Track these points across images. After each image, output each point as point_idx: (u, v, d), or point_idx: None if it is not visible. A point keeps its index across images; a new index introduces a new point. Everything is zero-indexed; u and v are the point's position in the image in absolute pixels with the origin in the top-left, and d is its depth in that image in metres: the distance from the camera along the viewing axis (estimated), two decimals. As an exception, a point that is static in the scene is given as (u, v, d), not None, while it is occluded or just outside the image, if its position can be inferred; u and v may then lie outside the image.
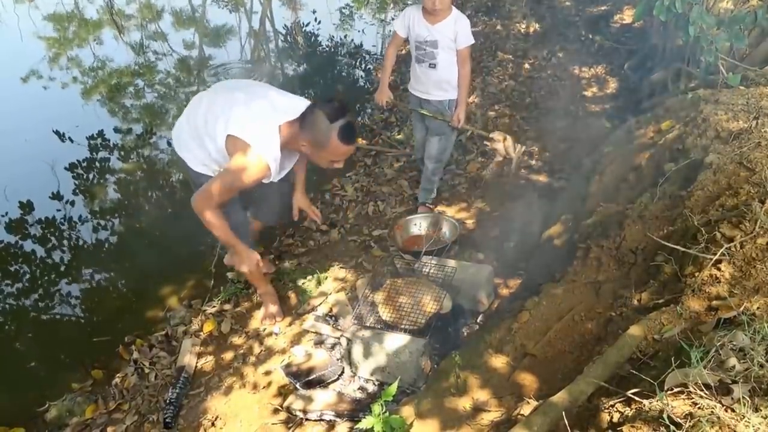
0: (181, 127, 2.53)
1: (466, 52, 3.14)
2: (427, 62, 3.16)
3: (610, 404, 1.45)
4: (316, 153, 2.35)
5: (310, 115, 2.28)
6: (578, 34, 6.01)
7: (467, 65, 3.18)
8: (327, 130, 2.24)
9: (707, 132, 2.44)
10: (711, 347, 1.39)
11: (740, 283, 1.66)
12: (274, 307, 2.98)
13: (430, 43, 3.10)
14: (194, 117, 2.44)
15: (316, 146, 2.31)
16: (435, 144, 3.42)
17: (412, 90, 3.34)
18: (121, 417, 2.64)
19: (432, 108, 3.30)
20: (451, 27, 3.06)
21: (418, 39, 3.12)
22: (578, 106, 4.77)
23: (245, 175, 2.25)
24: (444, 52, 3.12)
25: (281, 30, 8.32)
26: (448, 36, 3.07)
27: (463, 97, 3.25)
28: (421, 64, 3.19)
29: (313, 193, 4.21)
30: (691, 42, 3.47)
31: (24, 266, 3.88)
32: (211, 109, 2.37)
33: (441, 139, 3.40)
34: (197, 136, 2.43)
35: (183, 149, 2.53)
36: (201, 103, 2.44)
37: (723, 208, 1.95)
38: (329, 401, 2.40)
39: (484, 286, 2.76)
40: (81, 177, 4.81)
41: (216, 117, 2.32)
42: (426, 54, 3.14)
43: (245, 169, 2.24)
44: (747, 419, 1.19)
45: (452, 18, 3.07)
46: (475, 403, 1.91)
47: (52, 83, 6.90)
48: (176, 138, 2.56)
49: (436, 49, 3.11)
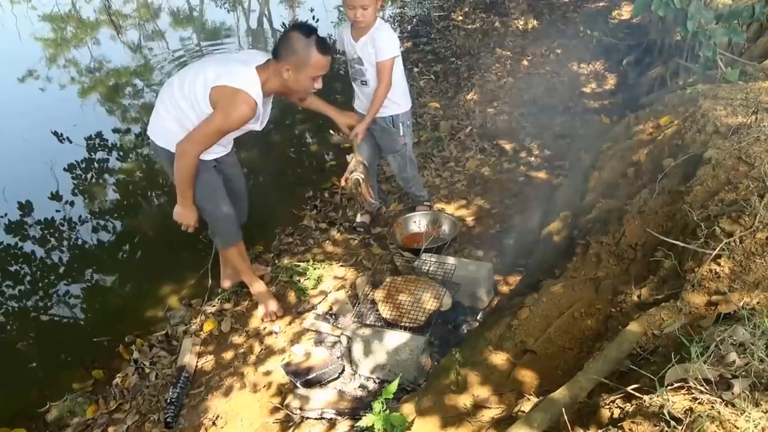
0: (156, 117, 2.58)
1: (381, 65, 2.90)
2: (359, 80, 3.05)
3: (610, 400, 1.45)
4: (299, 75, 2.40)
5: (284, 41, 2.38)
6: (576, 30, 6.01)
7: (384, 79, 2.91)
8: (306, 45, 2.35)
9: (706, 127, 2.43)
10: (711, 342, 1.39)
11: (740, 278, 1.66)
12: (273, 304, 2.99)
13: (356, 60, 2.98)
14: (168, 100, 2.49)
15: (299, 66, 2.38)
16: (393, 163, 3.33)
17: (357, 108, 3.18)
18: (122, 417, 2.64)
19: (377, 126, 3.14)
20: (370, 42, 2.89)
21: (348, 57, 3.02)
22: (577, 103, 4.77)
23: (234, 115, 2.33)
24: (372, 67, 2.94)
25: (279, 28, 8.31)
26: (369, 52, 2.90)
27: (371, 112, 2.97)
28: (355, 81, 3.09)
29: (312, 191, 4.22)
30: (690, 37, 3.47)
31: (24, 267, 3.88)
32: (183, 84, 2.44)
33: (396, 157, 3.27)
34: (175, 114, 2.47)
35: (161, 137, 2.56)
36: (172, 86, 2.50)
37: (722, 203, 1.95)
38: (330, 399, 2.40)
39: (483, 283, 2.76)
40: (80, 177, 4.81)
41: (192, 83, 2.40)
42: (356, 72, 3.03)
43: (234, 109, 2.31)
44: (747, 414, 1.19)
45: (371, 34, 2.88)
46: (475, 400, 1.91)
47: (50, 84, 6.90)
48: (154, 131, 2.59)
49: (362, 66, 2.97)
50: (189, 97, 2.41)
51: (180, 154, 2.41)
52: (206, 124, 2.37)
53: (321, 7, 8.49)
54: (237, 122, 2.37)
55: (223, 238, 2.86)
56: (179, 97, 2.44)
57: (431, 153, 4.33)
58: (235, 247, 2.87)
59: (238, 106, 2.31)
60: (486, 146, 4.34)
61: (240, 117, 2.34)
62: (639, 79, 4.61)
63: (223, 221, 2.76)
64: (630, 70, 4.96)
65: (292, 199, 4.17)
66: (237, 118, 2.34)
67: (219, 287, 3.23)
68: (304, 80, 2.43)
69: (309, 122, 5.53)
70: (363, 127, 2.99)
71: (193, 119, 2.44)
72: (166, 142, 2.53)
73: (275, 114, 5.91)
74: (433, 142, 4.44)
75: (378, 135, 3.20)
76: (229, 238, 2.84)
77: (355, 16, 2.81)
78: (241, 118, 2.35)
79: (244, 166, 3.22)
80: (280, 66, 2.39)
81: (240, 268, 2.96)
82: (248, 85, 2.33)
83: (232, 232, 2.82)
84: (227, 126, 2.38)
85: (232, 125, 2.38)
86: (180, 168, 2.44)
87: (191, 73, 2.46)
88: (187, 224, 2.65)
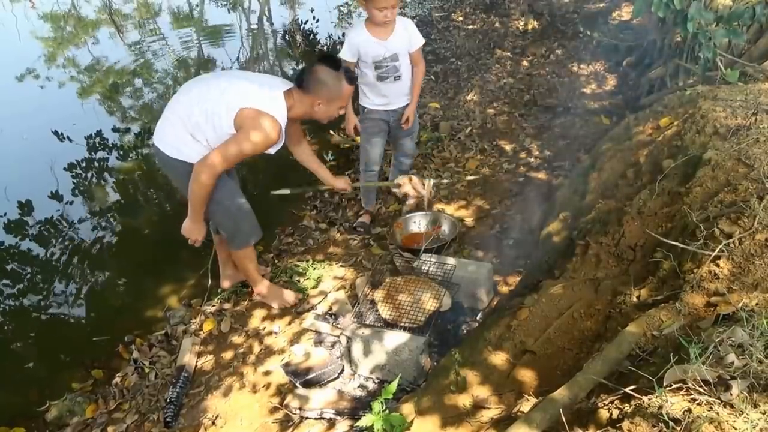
0: (167, 126, 2.51)
1: (419, 52, 3.11)
2: (392, 76, 3.07)
3: (609, 400, 1.45)
4: (330, 107, 2.49)
5: (312, 75, 2.41)
6: (577, 31, 6.01)
7: (422, 63, 3.16)
8: (337, 79, 2.43)
9: (706, 128, 2.44)
10: (710, 343, 1.39)
11: (739, 279, 1.66)
12: (289, 293, 3.01)
13: (390, 58, 3.01)
14: (183, 112, 2.44)
15: (331, 99, 2.47)
16: (410, 143, 3.45)
17: (371, 106, 3.21)
18: (122, 416, 2.64)
19: (399, 116, 3.23)
20: (404, 35, 3.00)
21: (377, 59, 3.00)
22: (577, 103, 4.77)
23: (261, 139, 2.33)
24: (405, 60, 3.07)
25: (279, 29, 8.31)
26: (404, 45, 3.02)
27: (416, 96, 3.23)
28: (385, 81, 3.09)
29: (312, 191, 4.21)
30: (690, 38, 3.47)
31: (24, 266, 3.88)
32: (203, 100, 2.40)
33: (413, 136, 3.46)
34: (190, 128, 2.43)
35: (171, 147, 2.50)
36: (190, 99, 2.45)
37: (722, 205, 1.95)
38: (329, 399, 2.41)
39: (483, 283, 2.77)
40: (80, 177, 4.81)
41: (216, 102, 2.37)
42: (389, 69, 3.05)
43: (261, 133, 2.32)
44: (746, 415, 1.19)
45: (401, 25, 3.00)
46: (474, 400, 1.91)
47: (49, 83, 6.90)
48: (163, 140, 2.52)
49: (397, 62, 3.03)
50: (209, 114, 2.37)
51: (198, 173, 2.38)
52: (230, 145, 2.35)
53: (321, 7, 8.49)
54: (262, 146, 2.36)
55: (247, 235, 2.77)
56: (197, 113, 2.40)
57: (431, 153, 4.33)
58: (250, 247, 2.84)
59: (265, 130, 2.31)
60: (486, 147, 4.34)
61: (265, 141, 2.34)
62: (639, 80, 4.62)
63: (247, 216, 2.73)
64: (630, 71, 4.96)
65: (292, 199, 4.17)
66: (262, 141, 2.34)
67: (219, 287, 3.23)
68: (333, 111, 2.53)
69: (309, 122, 5.52)
70: (413, 108, 3.23)
71: (210, 136, 2.41)
72: (178, 152, 2.48)
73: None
74: (433, 143, 4.44)
75: (396, 124, 3.29)
76: (253, 232, 2.78)
77: (386, 17, 2.86)
78: (266, 142, 2.34)
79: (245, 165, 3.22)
80: (310, 99, 2.45)
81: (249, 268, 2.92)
82: (276, 111, 2.34)
83: (255, 225, 2.78)
84: (251, 149, 2.36)
85: (257, 149, 2.36)
86: (197, 187, 2.42)
87: (213, 89, 2.41)
88: (195, 239, 2.67)
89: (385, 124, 3.29)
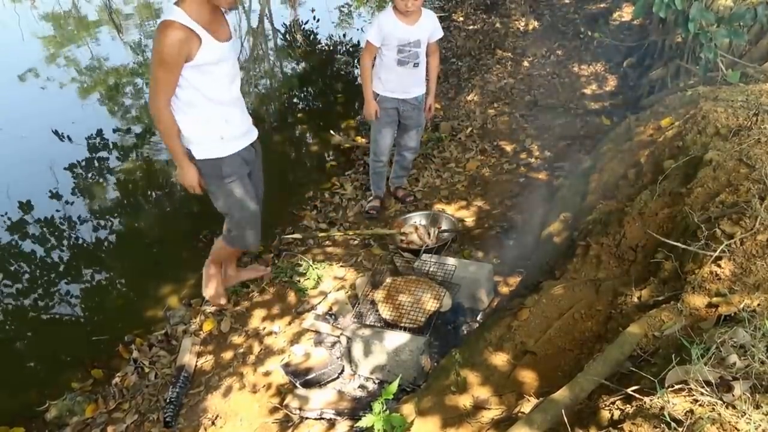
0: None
1: (436, 44, 3.26)
2: (412, 62, 3.18)
3: (610, 401, 1.45)
4: None
5: None
6: (577, 31, 6.01)
7: (438, 55, 3.35)
8: None
9: (707, 129, 2.43)
10: (711, 344, 1.39)
11: (740, 280, 1.66)
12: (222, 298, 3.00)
13: (414, 44, 3.12)
14: None
15: None
16: (415, 136, 3.52)
17: (386, 93, 3.27)
18: (122, 416, 2.64)
19: (409, 106, 3.31)
20: (429, 23, 3.14)
21: (402, 42, 3.11)
22: (577, 104, 4.77)
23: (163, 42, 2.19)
24: (424, 49, 3.19)
25: (280, 28, 8.31)
26: (427, 33, 3.15)
27: (434, 86, 3.38)
28: (405, 65, 3.18)
29: (312, 191, 4.22)
30: (691, 39, 3.47)
31: (24, 266, 3.88)
32: None
33: (419, 130, 3.52)
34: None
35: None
36: None
37: (723, 205, 1.95)
38: (329, 400, 2.40)
39: (483, 284, 2.76)
40: (80, 177, 4.81)
41: None
42: (410, 55, 3.15)
43: (161, 37, 2.20)
44: (748, 416, 1.19)
45: (426, 15, 3.13)
46: (475, 400, 1.91)
47: (50, 83, 6.90)
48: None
49: (419, 48, 3.15)
50: None
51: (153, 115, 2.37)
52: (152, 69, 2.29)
53: (322, 7, 8.49)
54: (170, 48, 2.21)
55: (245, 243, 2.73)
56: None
57: (431, 154, 4.33)
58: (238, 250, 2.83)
59: (161, 32, 2.21)
60: (486, 147, 4.34)
61: (169, 42, 2.20)
62: (640, 81, 4.62)
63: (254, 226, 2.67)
64: (631, 72, 4.96)
65: (292, 199, 4.17)
66: (167, 43, 2.20)
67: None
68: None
69: (309, 122, 5.53)
70: (433, 97, 3.40)
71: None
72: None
73: (276, 114, 5.94)
74: (433, 143, 4.44)
75: (409, 114, 3.36)
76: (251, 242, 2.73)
77: (407, 6, 2.98)
78: (171, 42, 2.21)
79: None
80: None
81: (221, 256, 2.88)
82: (167, 15, 2.23)
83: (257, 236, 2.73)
84: (165, 56, 2.22)
85: (169, 55, 2.22)
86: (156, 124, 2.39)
87: None
88: (191, 185, 2.52)
89: (396, 114, 3.34)
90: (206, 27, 2.28)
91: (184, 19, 2.22)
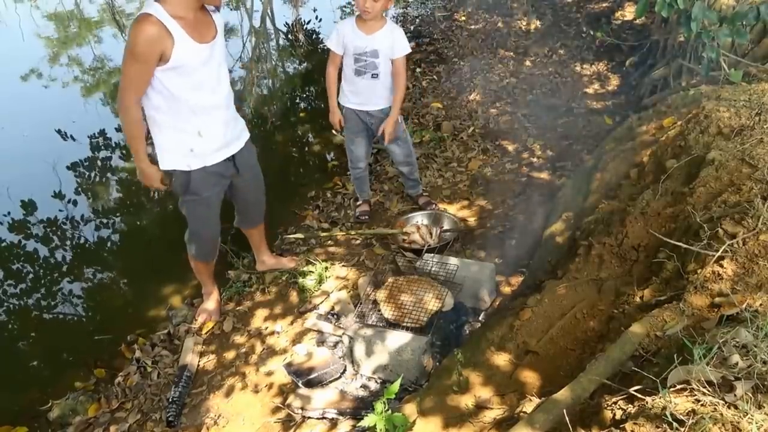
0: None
1: (401, 61, 3.06)
2: (369, 73, 3.06)
3: (612, 401, 1.45)
4: None
5: None
6: (579, 31, 6.00)
7: (403, 75, 3.09)
8: None
9: (709, 128, 2.43)
10: (714, 344, 1.39)
11: (743, 280, 1.66)
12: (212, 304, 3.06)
13: (371, 54, 3.02)
14: None
15: None
16: (397, 150, 3.39)
17: (347, 104, 3.20)
18: (124, 416, 2.64)
19: (377, 119, 3.20)
20: (388, 36, 3.00)
21: (357, 51, 3.02)
22: (580, 103, 4.77)
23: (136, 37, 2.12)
24: (385, 62, 3.05)
25: (282, 28, 8.31)
26: (386, 45, 3.01)
27: (395, 110, 3.14)
28: (361, 76, 3.08)
29: (314, 191, 4.22)
30: (693, 38, 3.46)
31: (26, 265, 3.89)
32: None
33: (399, 144, 3.35)
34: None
35: None
36: None
37: (725, 205, 1.95)
38: (331, 399, 2.41)
39: (486, 283, 2.76)
40: (83, 176, 4.82)
41: None
42: (367, 65, 3.05)
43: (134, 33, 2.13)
44: (750, 416, 1.19)
45: (388, 28, 3.02)
46: (477, 400, 1.91)
47: (53, 83, 6.91)
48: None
49: (377, 58, 3.03)
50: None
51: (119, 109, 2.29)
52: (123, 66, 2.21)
53: (324, 7, 8.49)
54: (143, 43, 2.13)
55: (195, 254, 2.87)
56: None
57: (433, 153, 4.33)
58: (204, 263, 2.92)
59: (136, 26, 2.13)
60: (488, 147, 4.34)
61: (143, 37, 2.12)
62: (642, 80, 4.61)
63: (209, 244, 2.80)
64: (633, 71, 4.95)
65: (294, 199, 4.17)
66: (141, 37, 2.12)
67: (222, 287, 3.23)
68: None
69: (311, 122, 5.53)
70: (393, 121, 3.15)
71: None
72: None
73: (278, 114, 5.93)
74: (435, 143, 4.43)
75: (378, 127, 3.23)
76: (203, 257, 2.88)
77: (365, 6, 2.88)
78: (144, 36, 2.12)
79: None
80: None
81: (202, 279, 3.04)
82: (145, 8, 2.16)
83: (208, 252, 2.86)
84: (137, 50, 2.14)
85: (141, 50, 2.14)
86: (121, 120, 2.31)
87: None
88: (151, 184, 2.49)
89: (362, 124, 3.27)
90: (186, 26, 2.20)
91: (161, 14, 2.13)
